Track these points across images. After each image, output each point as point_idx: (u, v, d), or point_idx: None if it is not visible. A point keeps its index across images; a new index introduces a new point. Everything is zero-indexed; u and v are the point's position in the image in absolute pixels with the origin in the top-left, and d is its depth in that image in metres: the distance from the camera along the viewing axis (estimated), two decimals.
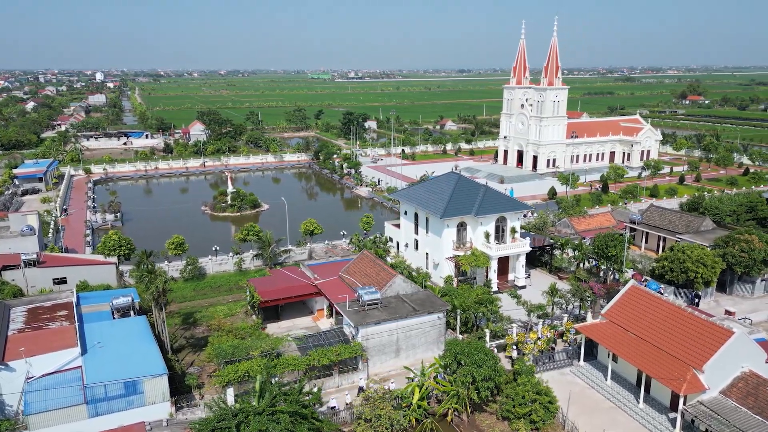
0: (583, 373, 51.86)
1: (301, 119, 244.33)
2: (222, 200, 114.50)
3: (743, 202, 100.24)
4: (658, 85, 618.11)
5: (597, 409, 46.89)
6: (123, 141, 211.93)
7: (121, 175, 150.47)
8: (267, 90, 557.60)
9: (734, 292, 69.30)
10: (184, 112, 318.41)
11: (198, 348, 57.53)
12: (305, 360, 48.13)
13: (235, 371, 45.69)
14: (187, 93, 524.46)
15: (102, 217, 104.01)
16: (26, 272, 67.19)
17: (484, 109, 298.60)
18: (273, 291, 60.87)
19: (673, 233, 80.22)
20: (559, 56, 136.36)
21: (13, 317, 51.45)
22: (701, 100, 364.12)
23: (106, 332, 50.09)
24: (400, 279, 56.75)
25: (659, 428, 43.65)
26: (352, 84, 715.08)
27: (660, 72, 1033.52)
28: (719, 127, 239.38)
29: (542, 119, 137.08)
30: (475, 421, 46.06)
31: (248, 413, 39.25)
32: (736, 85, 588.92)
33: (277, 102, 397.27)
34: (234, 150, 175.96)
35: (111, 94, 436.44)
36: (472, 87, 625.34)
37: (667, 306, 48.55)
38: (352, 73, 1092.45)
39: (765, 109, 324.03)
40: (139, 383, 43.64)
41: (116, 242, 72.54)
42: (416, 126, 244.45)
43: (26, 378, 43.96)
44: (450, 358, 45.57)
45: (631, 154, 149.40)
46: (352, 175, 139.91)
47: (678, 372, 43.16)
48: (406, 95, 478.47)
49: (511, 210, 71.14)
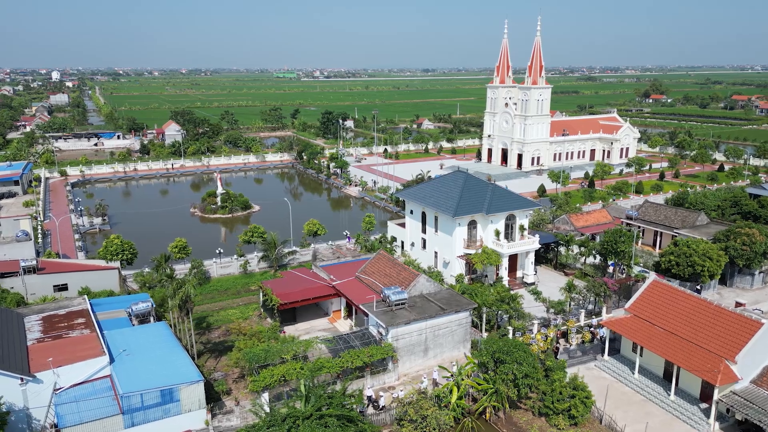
0: (608, 367, 52.77)
1: (277, 119, 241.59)
2: (212, 202, 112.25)
3: (727, 197, 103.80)
4: (619, 84, 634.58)
5: (629, 403, 47.80)
6: (93, 142, 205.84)
7: (99, 177, 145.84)
8: (234, 89, 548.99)
9: (734, 284, 71.65)
10: (152, 112, 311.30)
11: (217, 353, 56.27)
12: (339, 362, 47.59)
13: (271, 375, 44.85)
14: (151, 92, 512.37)
15: (89, 220, 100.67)
16: (25, 279, 64.56)
17: (458, 109, 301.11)
18: (292, 293, 59.93)
19: (669, 228, 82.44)
20: (537, 56, 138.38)
21: (28, 327, 49.25)
22: (664, 99, 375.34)
23: (130, 339, 48.46)
24: (424, 278, 56.67)
25: (693, 419, 44.77)
26: (320, 83, 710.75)
27: (618, 72, 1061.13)
28: (686, 124, 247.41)
29: (527, 118, 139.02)
30: (512, 418, 46.39)
31: (297, 418, 38.58)
32: (692, 84, 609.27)
33: (247, 101, 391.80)
34: (213, 150, 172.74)
35: (72, 94, 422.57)
36: (440, 86, 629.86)
37: (692, 299, 49.82)
38: (318, 72, 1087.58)
39: (725, 107, 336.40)
40: (175, 391, 42.37)
41: (118, 247, 70.27)
42: (393, 125, 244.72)
43: (54, 389, 42.24)
44: (487, 356, 45.69)
45: (611, 151, 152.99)
46: (339, 175, 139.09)
47: (710, 363, 44.32)
48: (376, 94, 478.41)
49: (520, 208, 71.94)
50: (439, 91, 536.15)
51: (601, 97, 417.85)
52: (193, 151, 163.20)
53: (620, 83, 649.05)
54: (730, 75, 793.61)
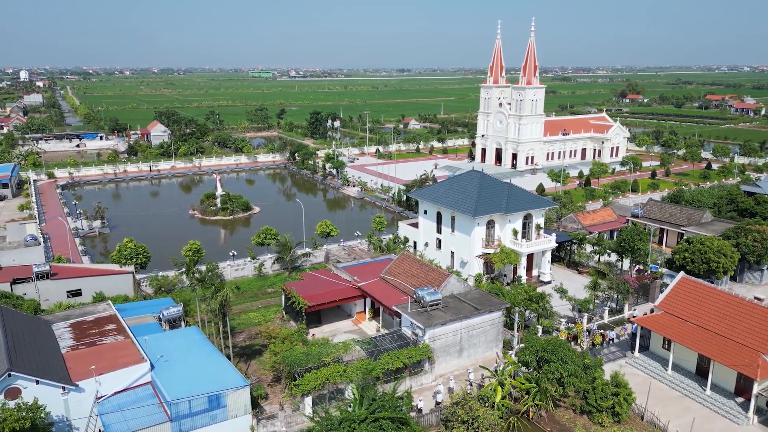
0: (640, 364, 53.52)
1: (264, 119, 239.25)
2: (211, 203, 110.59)
3: (722, 194, 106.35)
4: (594, 84, 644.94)
5: (666, 398, 48.54)
6: (76, 143, 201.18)
7: (88, 179, 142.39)
8: (210, 89, 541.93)
9: (744, 280, 73.35)
10: (130, 112, 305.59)
11: (245, 357, 55.49)
12: (380, 364, 47.29)
13: (316, 378, 44.36)
14: (126, 92, 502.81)
15: (88, 223, 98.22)
16: (38, 285, 62.70)
17: (442, 109, 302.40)
18: (318, 295, 59.38)
19: (676, 226, 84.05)
20: (532, 56, 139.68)
21: (58, 334, 47.80)
22: (640, 99, 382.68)
23: (164, 344, 47.40)
24: (455, 278, 56.72)
25: (732, 413, 45.68)
26: (297, 83, 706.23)
27: (590, 72, 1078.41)
28: (665, 124, 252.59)
29: (521, 117, 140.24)
30: (554, 417, 46.70)
31: (353, 421, 38.26)
32: (664, 84, 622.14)
33: (227, 101, 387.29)
34: (203, 151, 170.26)
35: (45, 94, 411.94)
36: (418, 86, 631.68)
37: (723, 295, 50.87)
38: (293, 72, 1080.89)
39: (700, 107, 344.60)
40: (222, 396, 41.59)
41: (132, 250, 68.76)
42: (380, 125, 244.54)
43: (96, 398, 41.11)
44: (530, 355, 45.93)
45: (602, 150, 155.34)
46: (336, 176, 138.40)
47: (747, 358, 45.28)
48: (356, 94, 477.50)
49: (537, 207, 72.54)
50: (417, 91, 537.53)
51: (579, 97, 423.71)
52: (184, 152, 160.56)
53: (594, 83, 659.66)
54: (698, 75, 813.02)
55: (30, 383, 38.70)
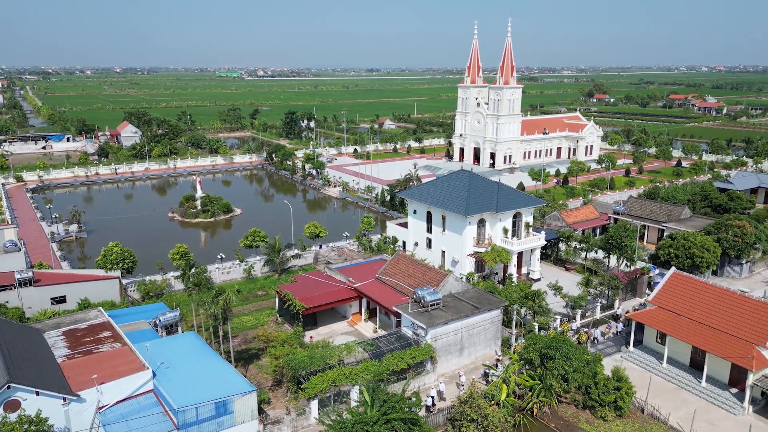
0: (635, 358, 54.62)
1: (237, 119, 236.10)
2: (191, 206, 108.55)
3: (696, 191, 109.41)
4: (560, 84, 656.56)
5: (663, 391, 49.62)
6: (42, 145, 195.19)
7: (59, 182, 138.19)
8: (178, 89, 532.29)
9: (725, 274, 75.56)
10: (96, 113, 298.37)
11: (243, 362, 54.62)
12: (385, 365, 47.12)
13: (322, 381, 43.94)
14: (89, 92, 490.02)
15: (64, 228, 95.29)
16: (21, 292, 60.54)
17: (415, 108, 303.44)
18: (315, 297, 58.88)
19: (657, 222, 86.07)
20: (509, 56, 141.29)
21: (51, 343, 46.21)
22: (607, 98, 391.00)
23: (163, 351, 46.26)
24: (452, 278, 56.90)
25: (727, 403, 46.99)
26: (267, 82, 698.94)
27: (556, 72, 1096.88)
28: (633, 122, 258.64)
29: (499, 117, 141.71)
30: (557, 413, 47.28)
31: (366, 423, 38.06)
32: (627, 84, 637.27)
33: (196, 101, 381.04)
34: (177, 152, 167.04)
35: (4, 94, 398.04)
36: (388, 86, 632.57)
37: (715, 289, 52.32)
38: (261, 72, 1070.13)
39: (664, 106, 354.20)
40: (229, 402, 40.82)
41: (119, 255, 66.93)
42: (354, 125, 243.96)
43: (97, 408, 39.88)
44: (534, 353, 46.39)
45: (577, 149, 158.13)
46: (316, 176, 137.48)
47: (742, 350, 46.67)
48: (328, 94, 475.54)
49: (527, 205, 73.37)
50: (388, 90, 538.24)
51: (547, 97, 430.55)
52: (158, 154, 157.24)
53: (561, 83, 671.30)
54: (659, 75, 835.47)
55: (30, 395, 37.33)
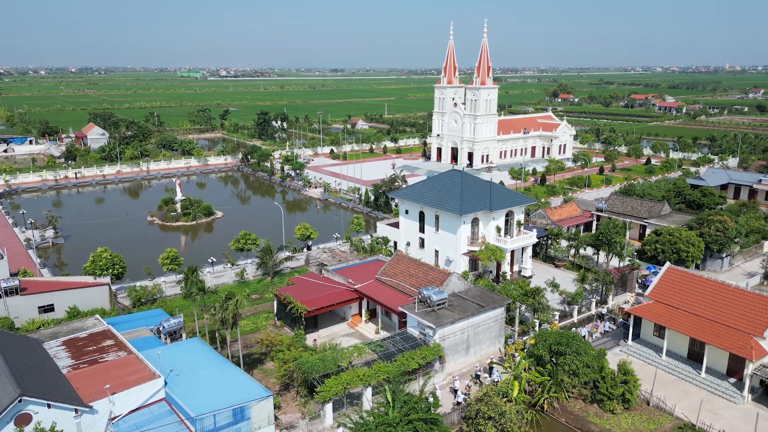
0: (634, 351, 55.96)
1: (206, 120, 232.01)
2: (171, 209, 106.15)
3: (669, 187, 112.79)
4: (524, 84, 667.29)
5: (665, 383, 50.96)
6: (3, 148, 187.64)
7: (27, 186, 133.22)
8: (139, 89, 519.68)
9: (706, 268, 78.12)
10: (56, 114, 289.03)
11: (246, 367, 53.61)
12: (396, 366, 47.07)
13: (337, 384, 43.60)
14: (46, 93, 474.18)
15: (40, 234, 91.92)
16: (7, 301, 58.16)
17: (386, 108, 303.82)
18: (316, 299, 58.35)
19: (638, 218, 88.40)
20: (485, 57, 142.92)
21: (52, 354, 44.53)
22: (571, 98, 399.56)
23: (171, 358, 45.11)
24: (455, 277, 57.18)
25: (727, 393, 48.60)
26: (231, 83, 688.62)
27: (518, 72, 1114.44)
28: (599, 122, 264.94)
29: (477, 117, 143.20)
30: (566, 407, 48.05)
31: (388, 425, 37.97)
32: (588, 84, 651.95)
33: (161, 102, 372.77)
34: (148, 154, 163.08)
35: None
36: (355, 86, 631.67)
37: (710, 282, 53.99)
38: (224, 72, 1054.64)
39: (626, 106, 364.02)
40: (246, 409, 40.07)
41: (108, 260, 64.95)
42: (326, 125, 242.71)
43: (110, 419, 38.65)
44: (544, 349, 47.04)
45: (551, 148, 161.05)
46: (295, 177, 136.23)
47: (740, 341, 48.34)
48: (295, 94, 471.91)
49: (519, 204, 74.31)
50: (355, 90, 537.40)
51: (513, 97, 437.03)
52: (130, 156, 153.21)
53: (524, 83, 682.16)
54: (617, 76, 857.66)
55: (41, 408, 35.95)
